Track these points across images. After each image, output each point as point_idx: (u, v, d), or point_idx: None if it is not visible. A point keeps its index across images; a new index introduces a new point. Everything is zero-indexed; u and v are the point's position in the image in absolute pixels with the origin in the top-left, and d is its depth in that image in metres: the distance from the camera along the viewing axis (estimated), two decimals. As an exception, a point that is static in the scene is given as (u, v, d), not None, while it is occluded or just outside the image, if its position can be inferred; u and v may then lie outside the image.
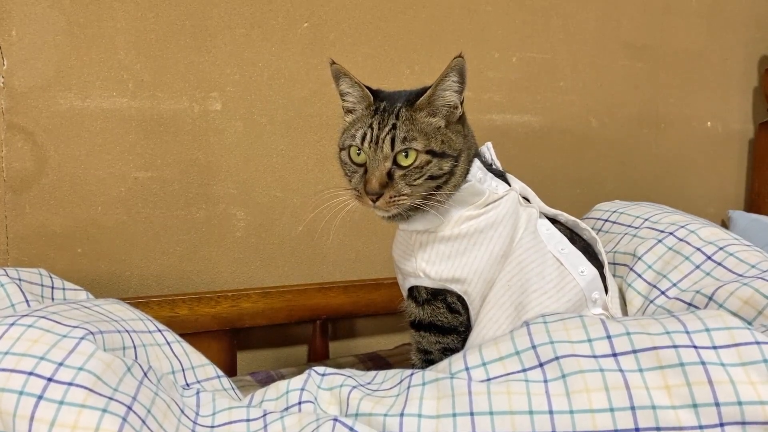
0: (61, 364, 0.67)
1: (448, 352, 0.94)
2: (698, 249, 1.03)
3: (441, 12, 1.57)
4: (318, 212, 0.99)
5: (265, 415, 0.74)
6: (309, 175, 1.47)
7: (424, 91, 0.91)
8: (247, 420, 0.74)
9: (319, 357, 1.46)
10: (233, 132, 1.39)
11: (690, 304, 0.95)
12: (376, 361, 1.38)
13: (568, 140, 1.79)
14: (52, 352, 0.68)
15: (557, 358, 0.70)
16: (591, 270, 0.96)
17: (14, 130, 1.23)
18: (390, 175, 0.88)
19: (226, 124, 1.38)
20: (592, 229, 1.06)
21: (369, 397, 0.74)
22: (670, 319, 0.72)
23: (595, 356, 0.69)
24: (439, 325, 0.95)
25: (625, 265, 1.09)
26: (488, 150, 1.05)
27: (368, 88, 0.94)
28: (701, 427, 0.63)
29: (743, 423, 0.63)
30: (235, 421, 0.74)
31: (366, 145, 0.89)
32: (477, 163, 0.96)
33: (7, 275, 0.93)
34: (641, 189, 1.90)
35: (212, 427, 0.74)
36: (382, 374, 0.81)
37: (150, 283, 1.35)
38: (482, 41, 1.63)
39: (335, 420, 0.69)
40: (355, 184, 0.91)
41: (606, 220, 1.23)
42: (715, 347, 0.67)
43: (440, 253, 0.93)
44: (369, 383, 0.79)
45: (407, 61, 1.55)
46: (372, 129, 0.89)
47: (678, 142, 1.97)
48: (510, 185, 0.99)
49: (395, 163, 0.88)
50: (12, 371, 0.66)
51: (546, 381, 0.69)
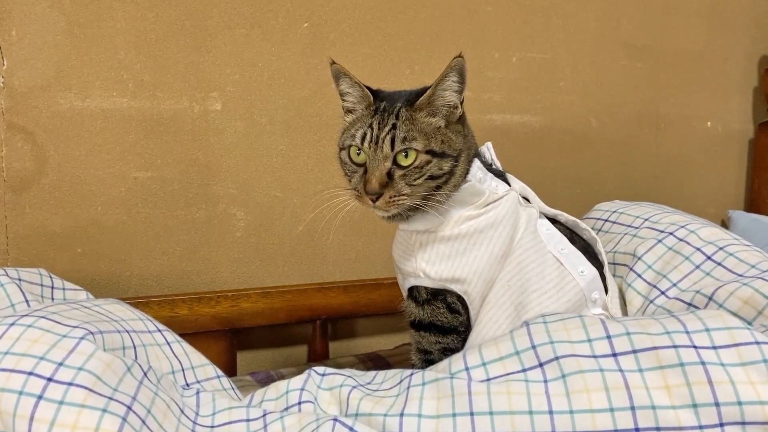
0: (61, 364, 0.67)
1: (448, 352, 0.94)
2: (698, 249, 1.03)
3: (441, 12, 1.57)
4: (318, 212, 0.99)
5: (264, 415, 0.74)
6: (309, 175, 1.47)
7: (424, 91, 0.91)
8: (247, 420, 0.74)
9: (319, 357, 1.46)
10: (233, 132, 1.39)
11: (690, 304, 0.95)
12: (376, 361, 1.38)
13: (568, 140, 1.79)
14: (52, 352, 0.68)
15: (557, 358, 0.70)
16: (591, 270, 0.96)
17: (14, 130, 1.23)
18: (390, 175, 0.88)
19: (226, 124, 1.38)
20: (592, 229, 1.06)
21: (369, 397, 0.74)
22: (670, 319, 0.72)
23: (595, 356, 0.69)
24: (439, 325, 0.95)
25: (625, 265, 1.09)
26: (488, 150, 1.05)
27: (368, 88, 0.94)
28: (701, 427, 0.63)
29: (743, 423, 0.63)
30: (234, 421, 0.74)
31: (366, 145, 0.89)
32: (477, 163, 0.96)
33: (7, 275, 0.93)
34: (641, 189, 1.90)
35: (212, 427, 0.74)
36: (382, 374, 0.81)
37: (150, 283, 1.35)
38: (482, 41, 1.63)
39: (335, 420, 0.69)
40: (355, 184, 0.91)
41: (606, 220, 1.23)
42: (715, 347, 0.67)
43: (440, 253, 0.93)
44: (369, 383, 0.79)
45: (407, 61, 1.55)
46: (372, 129, 0.89)
47: (678, 142, 1.97)
48: (510, 185, 0.99)
49: (395, 163, 0.88)
50: (12, 371, 0.66)
51: (546, 381, 0.69)
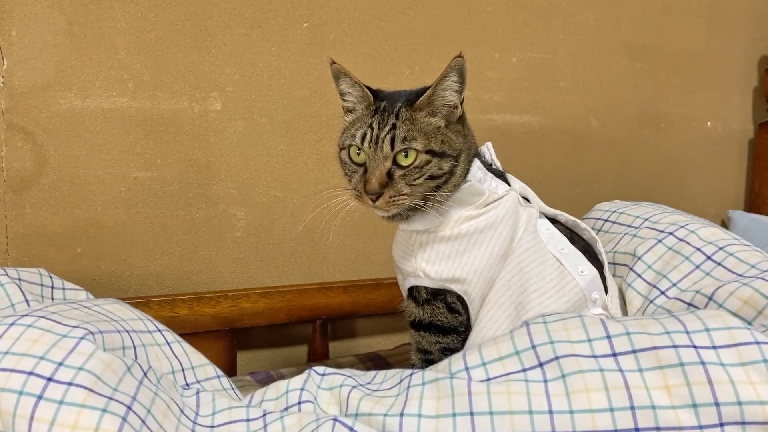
0: (60, 364, 0.67)
1: (447, 352, 0.94)
2: (698, 249, 1.03)
3: (441, 12, 1.57)
4: (318, 212, 0.99)
5: (264, 415, 0.74)
6: (309, 175, 1.47)
7: (424, 90, 0.91)
8: (247, 420, 0.74)
9: (319, 357, 1.46)
10: (233, 132, 1.39)
11: (690, 304, 0.95)
12: (376, 361, 1.38)
13: (568, 140, 1.79)
14: (52, 352, 0.68)
15: (557, 358, 0.70)
16: (591, 270, 0.96)
17: (14, 130, 1.23)
18: (390, 174, 0.88)
19: (226, 124, 1.38)
20: (592, 229, 1.06)
21: (369, 397, 0.74)
22: (670, 319, 0.72)
23: (594, 356, 0.69)
24: (439, 325, 0.95)
25: (625, 265, 1.09)
26: (488, 150, 1.05)
27: (368, 88, 0.94)
28: (701, 427, 0.63)
29: (743, 423, 0.63)
30: (234, 421, 0.74)
31: (366, 144, 0.89)
32: (477, 163, 0.96)
33: (7, 275, 0.93)
34: (641, 189, 1.90)
35: (212, 426, 0.74)
36: (381, 374, 0.81)
37: (150, 283, 1.35)
38: (482, 41, 1.63)
39: (335, 420, 0.69)
40: (354, 184, 0.91)
41: (606, 220, 1.23)
42: (714, 347, 0.67)
43: (440, 253, 0.93)
44: (369, 383, 0.79)
45: (407, 61, 1.54)
46: (372, 129, 0.89)
47: (678, 142, 1.97)
48: (510, 185, 0.99)
49: (395, 162, 0.88)
50: (12, 371, 0.66)
51: (546, 381, 0.69)
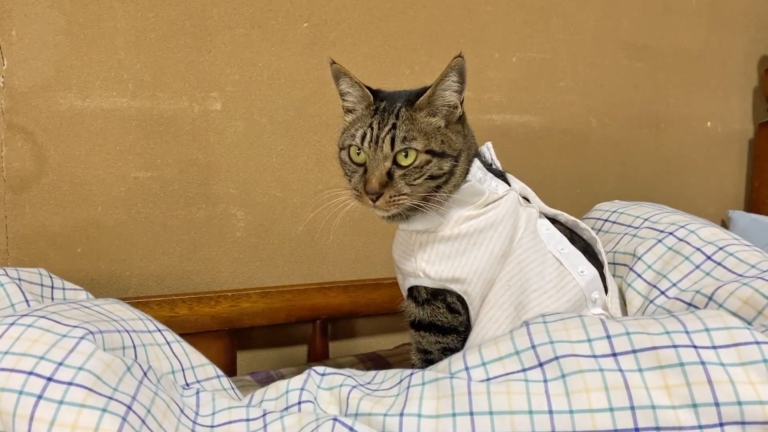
0: (60, 364, 0.67)
1: (447, 351, 0.94)
2: (698, 249, 1.03)
3: (441, 12, 1.57)
4: (318, 212, 0.99)
5: (264, 414, 0.74)
6: (309, 175, 1.47)
7: (424, 91, 0.91)
8: (247, 420, 0.74)
9: (318, 357, 1.46)
10: (233, 132, 1.39)
11: (690, 304, 0.94)
12: (376, 361, 1.38)
13: (568, 140, 1.79)
14: (52, 352, 0.68)
15: (557, 357, 0.70)
16: (591, 270, 0.96)
17: (14, 130, 1.23)
18: (390, 174, 0.88)
19: (226, 124, 1.38)
20: (592, 229, 1.06)
21: (369, 397, 0.74)
22: (670, 319, 0.72)
23: (594, 356, 0.69)
24: (439, 325, 0.95)
25: (624, 265, 1.09)
26: (488, 150, 1.05)
27: (368, 88, 0.94)
28: (701, 427, 0.63)
29: (743, 423, 0.63)
30: (234, 421, 0.74)
31: (366, 144, 0.89)
32: (477, 163, 0.96)
33: (7, 275, 0.93)
34: (641, 189, 1.90)
35: (212, 426, 0.74)
36: (381, 374, 0.81)
37: (150, 283, 1.35)
38: (482, 41, 1.63)
39: (335, 420, 0.69)
40: (354, 184, 0.91)
41: (606, 220, 1.23)
42: (714, 347, 0.67)
43: (440, 253, 0.93)
44: (369, 383, 0.79)
45: (407, 61, 1.55)
46: (372, 129, 0.89)
47: (678, 142, 1.97)
48: (510, 185, 0.99)
49: (395, 162, 0.88)
50: (12, 371, 0.66)
51: (546, 381, 0.69)
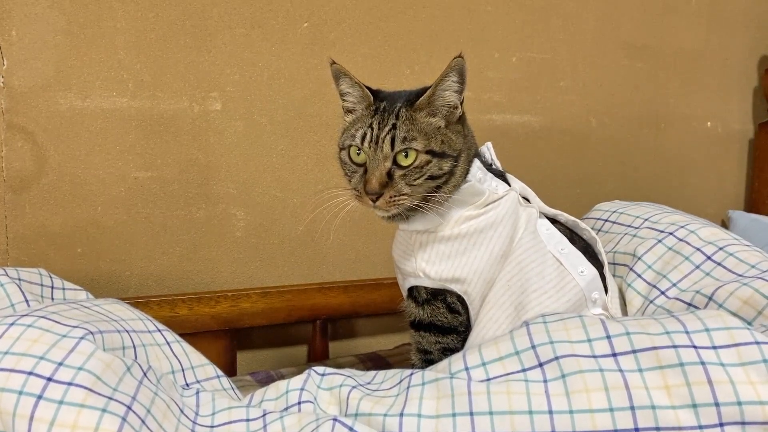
0: (60, 364, 0.67)
1: (447, 352, 0.94)
2: (698, 249, 1.03)
3: (441, 12, 1.57)
4: (318, 212, 0.99)
5: (264, 414, 0.74)
6: (309, 175, 1.47)
7: (424, 91, 0.91)
8: (247, 420, 0.74)
9: (318, 357, 1.46)
10: (233, 132, 1.39)
11: (690, 304, 0.94)
12: (376, 361, 1.38)
13: (568, 140, 1.79)
14: (52, 352, 0.68)
15: (557, 358, 0.70)
16: (591, 270, 0.96)
17: (14, 130, 1.23)
18: (390, 174, 0.88)
19: (226, 124, 1.38)
20: (592, 229, 1.06)
21: (369, 397, 0.74)
22: (670, 319, 0.72)
23: (594, 356, 0.69)
24: (439, 325, 0.95)
25: (624, 265, 1.09)
26: (488, 150, 1.05)
27: (368, 88, 0.94)
28: (701, 427, 0.63)
29: (743, 423, 0.63)
30: (234, 421, 0.74)
31: (366, 144, 0.89)
32: (477, 163, 0.96)
33: (7, 275, 0.93)
34: (641, 189, 1.90)
35: (212, 426, 0.74)
36: (381, 374, 0.81)
37: (150, 283, 1.35)
38: (482, 41, 1.63)
39: (335, 420, 0.69)
40: (354, 184, 0.91)
41: (606, 220, 1.23)
42: (714, 347, 0.67)
43: (440, 253, 0.93)
44: (369, 383, 0.79)
45: (407, 61, 1.55)
46: (372, 129, 0.89)
47: (678, 142, 1.97)
48: (510, 185, 0.99)
49: (395, 163, 0.88)
50: (12, 371, 0.66)
51: (546, 381, 0.69)
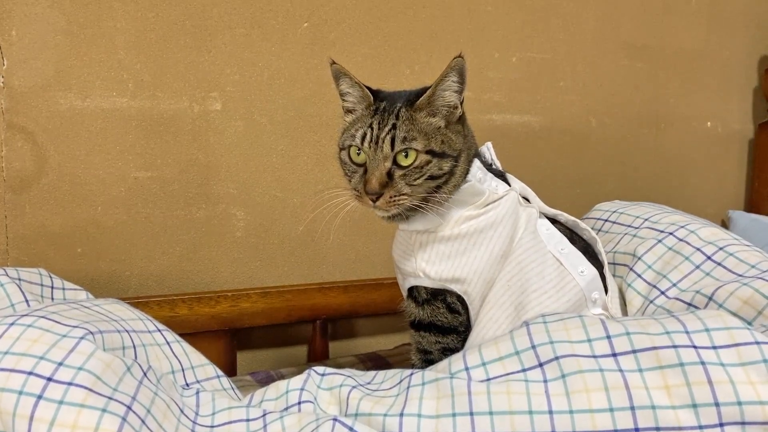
0: (60, 364, 0.67)
1: (447, 352, 0.94)
2: (698, 249, 1.03)
3: (441, 12, 1.57)
4: (318, 212, 0.99)
5: (264, 414, 0.74)
6: (309, 175, 1.47)
7: (424, 91, 0.91)
8: (247, 420, 0.74)
9: (318, 357, 1.46)
10: (233, 132, 1.39)
11: (690, 304, 0.94)
12: (376, 361, 1.38)
13: (568, 140, 1.79)
14: (52, 352, 0.68)
15: (557, 358, 0.70)
16: (591, 270, 0.96)
17: (14, 130, 1.23)
18: (390, 175, 0.88)
19: (226, 124, 1.38)
20: (592, 229, 1.06)
21: (369, 397, 0.74)
22: (670, 319, 0.72)
23: (594, 356, 0.69)
24: (439, 325, 0.95)
25: (624, 265, 1.09)
26: (488, 150, 1.05)
27: (368, 88, 0.94)
28: (701, 427, 0.63)
29: (743, 423, 0.63)
30: (234, 421, 0.74)
31: (366, 145, 0.89)
32: (477, 163, 0.96)
33: (7, 275, 0.93)
34: (641, 189, 1.90)
35: (212, 426, 0.74)
36: (381, 374, 0.81)
37: (150, 283, 1.35)
38: (482, 41, 1.63)
39: (335, 420, 0.69)
40: (354, 184, 0.91)
41: (606, 220, 1.23)
42: (714, 347, 0.67)
43: (440, 253, 0.93)
44: (369, 383, 0.79)
45: (407, 61, 1.55)
46: (372, 129, 0.89)
47: (678, 142, 1.97)
48: (510, 185, 0.99)
49: (395, 163, 0.88)
50: (12, 371, 0.66)
51: (546, 381, 0.69)
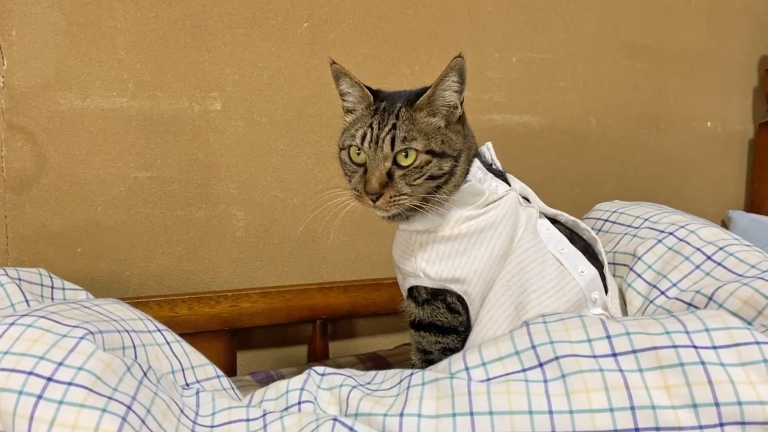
0: (60, 364, 0.67)
1: (447, 352, 0.94)
2: (698, 249, 1.03)
3: (441, 12, 1.57)
4: (318, 212, 0.99)
5: (264, 414, 0.74)
6: (309, 175, 1.47)
7: (424, 91, 0.91)
8: (247, 420, 0.74)
9: (318, 357, 1.46)
10: (233, 132, 1.39)
11: (690, 304, 0.94)
12: (376, 361, 1.38)
13: (568, 140, 1.79)
14: (52, 352, 0.68)
15: (557, 358, 0.70)
16: (591, 270, 0.96)
17: (14, 130, 1.23)
18: (390, 174, 0.88)
19: (226, 124, 1.38)
20: (592, 229, 1.06)
21: (369, 397, 0.74)
22: (670, 319, 0.72)
23: (594, 356, 0.69)
24: (439, 325, 0.95)
25: (625, 265, 1.09)
26: (488, 150, 1.05)
27: (368, 88, 0.94)
28: (701, 427, 0.63)
29: (743, 423, 0.63)
30: (234, 421, 0.74)
31: (366, 144, 0.89)
32: (477, 163, 0.96)
33: (7, 275, 0.93)
34: (641, 189, 1.90)
35: (212, 426, 0.74)
36: (381, 374, 0.81)
37: (150, 283, 1.35)
38: (482, 41, 1.63)
39: (335, 420, 0.69)
40: (355, 184, 0.91)
41: (606, 220, 1.23)
42: (714, 347, 0.67)
43: (440, 253, 0.93)
44: (369, 383, 0.79)
45: (407, 61, 1.55)
46: (372, 129, 0.89)
47: (678, 142, 1.97)
48: (510, 185, 0.99)
49: (395, 163, 0.88)
50: (12, 371, 0.66)
51: (546, 381, 0.69)
